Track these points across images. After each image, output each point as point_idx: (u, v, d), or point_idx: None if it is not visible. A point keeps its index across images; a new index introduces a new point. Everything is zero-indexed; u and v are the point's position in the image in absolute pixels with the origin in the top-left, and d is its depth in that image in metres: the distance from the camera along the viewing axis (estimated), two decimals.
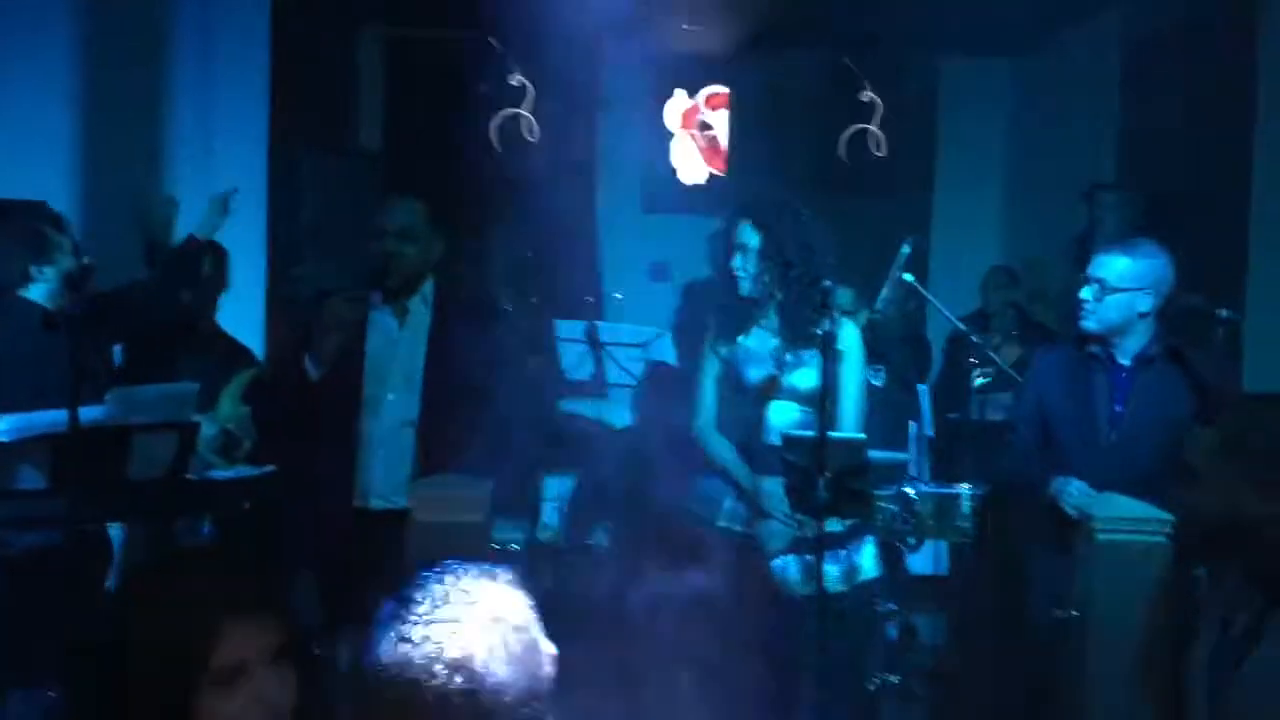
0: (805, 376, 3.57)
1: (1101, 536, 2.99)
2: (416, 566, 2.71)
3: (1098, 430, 3.53)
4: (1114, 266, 3.47)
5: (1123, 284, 3.46)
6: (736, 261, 3.59)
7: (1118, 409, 3.51)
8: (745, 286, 3.58)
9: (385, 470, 3.47)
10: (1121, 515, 3.03)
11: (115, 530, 3.91)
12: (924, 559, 6.13)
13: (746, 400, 3.68)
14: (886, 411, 5.27)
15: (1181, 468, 2.02)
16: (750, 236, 3.59)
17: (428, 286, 3.64)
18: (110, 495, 3.38)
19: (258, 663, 1.57)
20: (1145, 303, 3.49)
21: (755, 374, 3.63)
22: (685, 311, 6.62)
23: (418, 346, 3.55)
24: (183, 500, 3.67)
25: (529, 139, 7.48)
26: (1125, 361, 3.54)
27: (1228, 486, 2.01)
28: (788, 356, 3.61)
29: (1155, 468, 3.46)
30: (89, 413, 3.32)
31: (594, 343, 5.85)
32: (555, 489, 5.73)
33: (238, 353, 4.63)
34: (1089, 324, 3.53)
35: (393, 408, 3.50)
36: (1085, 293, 3.51)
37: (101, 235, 4.81)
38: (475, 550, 2.56)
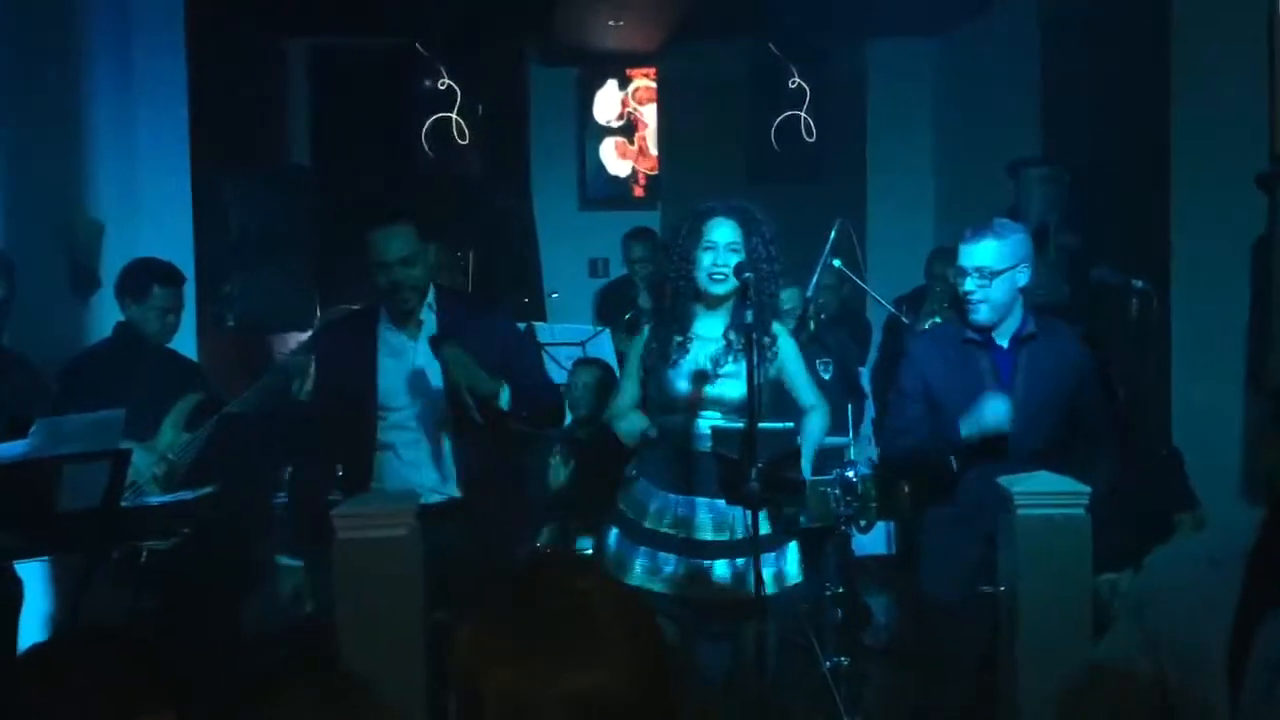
0: (736, 386, 3.50)
1: (1022, 512, 3.04)
2: (341, 584, 2.77)
3: None
4: (988, 251, 3.48)
5: (1001, 264, 3.48)
6: (708, 260, 3.54)
7: (1005, 385, 3.54)
8: (720, 287, 3.54)
9: (431, 468, 3.67)
10: (1040, 489, 3.08)
11: (33, 567, 3.87)
12: (875, 539, 6.19)
13: (677, 410, 3.67)
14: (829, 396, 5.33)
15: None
16: (730, 232, 3.56)
17: (431, 293, 3.81)
18: (38, 529, 3.34)
19: None
20: (1024, 277, 3.53)
21: (686, 386, 3.62)
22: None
23: (431, 354, 3.68)
24: (117, 530, 3.65)
25: (460, 142, 7.49)
26: (1003, 343, 3.57)
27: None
28: (727, 365, 3.58)
29: (1047, 442, 3.51)
30: (12, 447, 3.30)
31: (533, 343, 5.85)
32: None
33: (186, 372, 4.56)
34: (981, 316, 3.50)
35: (423, 414, 3.67)
36: (968, 284, 3.49)
37: (24, 261, 4.76)
38: (400, 565, 2.59)
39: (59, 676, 1.53)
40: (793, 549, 3.71)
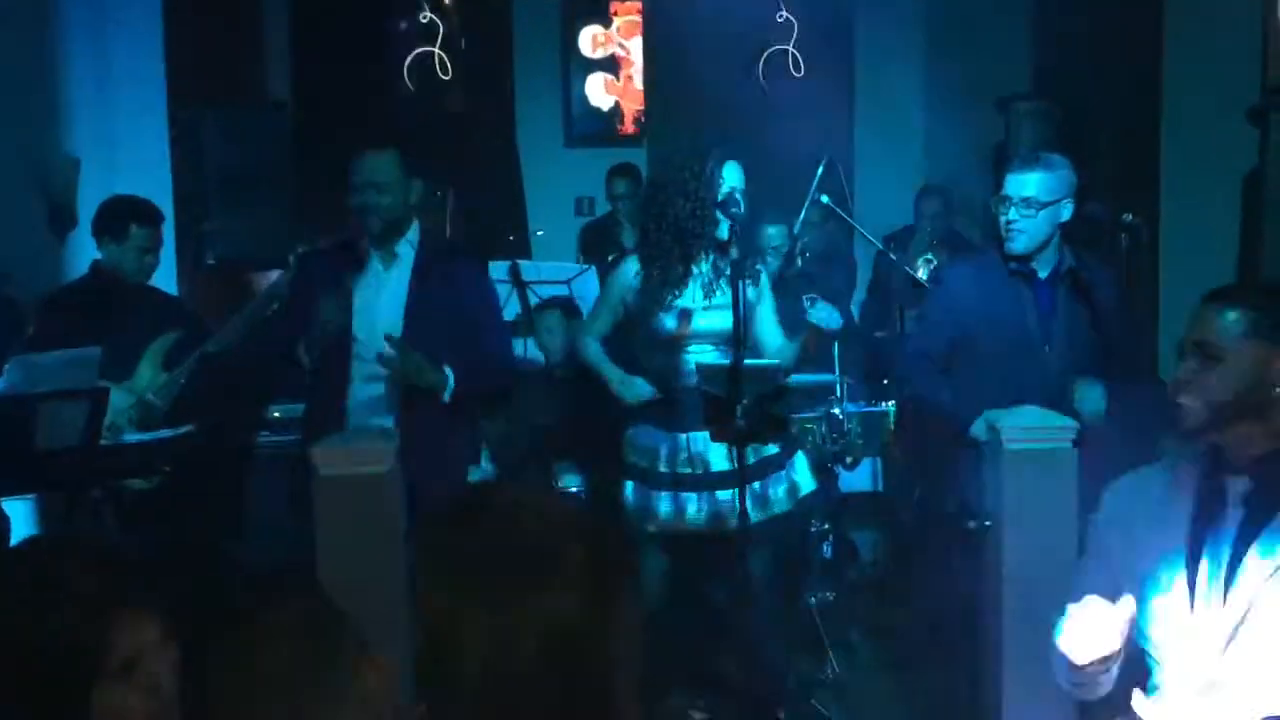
0: (722, 318, 3.54)
1: (1009, 446, 3.03)
2: (321, 522, 2.75)
3: (1031, 340, 3.58)
4: (1034, 182, 3.49)
5: (1049, 197, 3.49)
6: (729, 201, 3.54)
7: (1046, 318, 3.56)
8: (726, 230, 3.53)
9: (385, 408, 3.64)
10: (1027, 424, 3.07)
11: (18, 505, 3.84)
12: (861, 476, 6.19)
13: (664, 347, 3.69)
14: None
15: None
16: (741, 176, 3.60)
17: (413, 230, 3.75)
18: (17, 467, 3.31)
19: (150, 651, 1.53)
20: (1066, 211, 3.54)
21: (679, 322, 3.63)
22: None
23: (401, 288, 3.68)
24: (97, 468, 3.62)
25: (443, 77, 7.38)
26: (1043, 275, 3.59)
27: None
28: (717, 296, 3.61)
29: (1086, 372, 3.55)
30: None
31: (518, 282, 5.79)
32: (489, 431, 5.70)
33: (167, 308, 4.48)
34: (1019, 244, 3.52)
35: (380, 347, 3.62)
36: (1012, 214, 3.50)
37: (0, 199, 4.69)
38: (381, 502, 2.57)
39: (57, 578, 1.52)
40: (800, 459, 3.77)
